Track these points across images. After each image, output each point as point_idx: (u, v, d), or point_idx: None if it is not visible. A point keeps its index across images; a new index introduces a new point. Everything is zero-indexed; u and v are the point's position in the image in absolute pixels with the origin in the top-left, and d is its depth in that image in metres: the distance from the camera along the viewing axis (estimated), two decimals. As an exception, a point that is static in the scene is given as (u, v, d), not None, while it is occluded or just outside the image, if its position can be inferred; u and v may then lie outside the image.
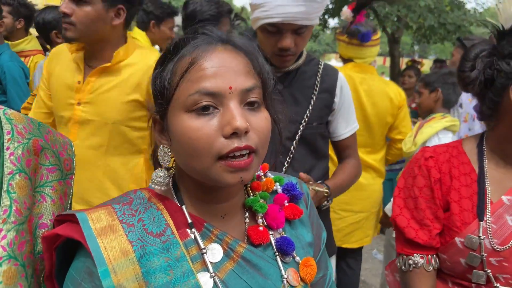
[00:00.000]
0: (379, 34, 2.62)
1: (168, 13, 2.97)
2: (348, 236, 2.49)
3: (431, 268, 1.16)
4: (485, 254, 1.06)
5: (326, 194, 1.48)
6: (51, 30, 2.79)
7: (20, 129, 0.73)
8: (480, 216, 1.09)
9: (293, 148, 1.48)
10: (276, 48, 1.38)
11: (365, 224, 2.55)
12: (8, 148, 0.69)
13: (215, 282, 0.68)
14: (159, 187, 0.73)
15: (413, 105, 4.56)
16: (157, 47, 3.06)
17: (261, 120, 0.68)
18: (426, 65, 8.07)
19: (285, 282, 0.75)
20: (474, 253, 1.07)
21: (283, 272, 0.75)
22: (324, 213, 1.58)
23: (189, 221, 0.71)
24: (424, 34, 8.50)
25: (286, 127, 0.81)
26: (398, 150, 2.64)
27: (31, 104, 1.95)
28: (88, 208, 0.70)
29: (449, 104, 2.62)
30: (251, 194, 0.81)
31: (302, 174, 1.41)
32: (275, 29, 1.36)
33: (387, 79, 4.88)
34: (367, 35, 2.44)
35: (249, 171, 0.67)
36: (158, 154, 0.74)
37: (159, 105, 0.71)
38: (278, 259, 0.76)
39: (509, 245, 1.06)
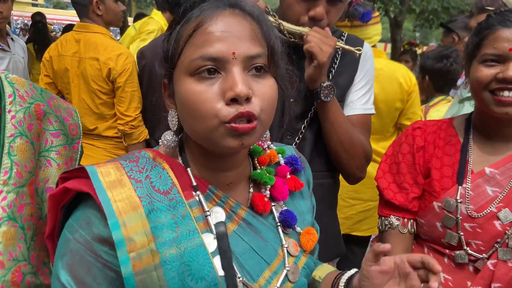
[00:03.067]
0: (377, 12, 2.59)
1: None
2: (358, 224, 2.45)
3: (406, 230, 1.20)
4: (460, 217, 1.10)
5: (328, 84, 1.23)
6: None
7: (22, 93, 0.73)
8: (460, 181, 1.12)
9: (304, 127, 1.32)
10: (305, 18, 1.23)
11: (375, 213, 2.51)
12: (9, 111, 0.70)
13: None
14: (165, 148, 0.75)
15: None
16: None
17: (265, 87, 0.68)
18: (427, 52, 8.01)
19: (285, 250, 0.77)
20: (450, 215, 1.11)
21: (283, 241, 0.78)
22: (331, 214, 1.44)
23: (194, 183, 0.72)
24: (427, 19, 8.40)
25: (297, 103, 0.81)
26: None
27: None
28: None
29: (441, 90, 2.64)
30: (258, 167, 0.82)
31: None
32: None
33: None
34: (368, 14, 2.41)
35: (252, 136, 0.67)
36: (168, 118, 0.75)
37: (166, 69, 0.72)
38: (279, 229, 0.79)
39: (484, 212, 1.09)
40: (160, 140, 0.75)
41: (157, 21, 3.34)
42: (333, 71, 1.33)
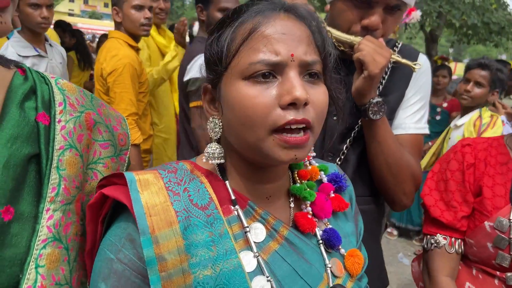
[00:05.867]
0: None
1: None
2: None
3: (453, 250, 1.16)
4: None
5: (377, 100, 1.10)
6: None
7: (73, 101, 0.68)
8: None
9: (346, 148, 1.19)
10: (357, 26, 1.11)
11: None
12: (59, 121, 0.64)
13: (258, 262, 0.64)
14: (215, 161, 0.69)
15: (444, 105, 4.50)
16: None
17: (319, 94, 0.65)
18: (460, 69, 7.80)
19: (328, 271, 0.71)
20: (503, 235, 1.07)
21: (327, 261, 0.72)
22: (374, 243, 1.28)
23: (233, 197, 0.68)
24: (466, 33, 8.18)
25: (343, 117, 0.76)
26: None
27: None
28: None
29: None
30: (298, 181, 0.77)
31: None
32: (365, 0, 1.08)
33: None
34: None
35: (304, 149, 0.63)
36: (208, 126, 0.70)
37: (213, 72, 0.67)
38: (322, 248, 0.73)
39: (539, 235, 1.05)
40: (206, 154, 0.69)
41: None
42: (381, 86, 1.21)
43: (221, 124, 0.69)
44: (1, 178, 0.56)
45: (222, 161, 0.69)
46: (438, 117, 4.49)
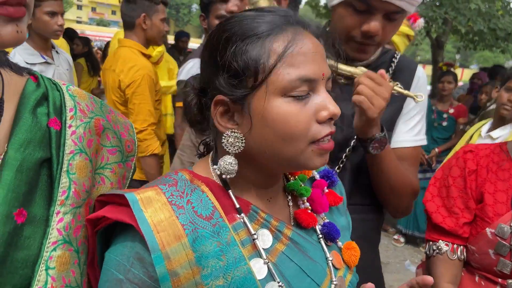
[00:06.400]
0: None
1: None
2: None
3: (455, 257, 1.17)
4: None
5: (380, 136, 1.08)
6: None
7: (83, 107, 0.70)
8: None
9: (345, 156, 1.18)
10: (358, 31, 1.12)
11: None
12: (70, 126, 0.66)
13: (269, 268, 0.66)
14: (230, 176, 0.69)
15: (451, 111, 4.49)
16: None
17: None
18: (466, 75, 7.75)
19: (330, 264, 0.74)
20: (504, 242, 1.07)
21: (327, 255, 0.75)
22: (372, 251, 1.28)
23: (237, 205, 0.69)
24: (472, 40, 8.14)
25: (339, 129, 0.78)
26: None
27: None
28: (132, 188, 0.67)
29: None
30: (290, 178, 0.80)
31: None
32: (365, 7, 1.08)
33: (428, 87, 4.74)
34: None
35: (328, 154, 0.69)
36: (224, 139, 0.67)
37: (236, 87, 0.65)
38: (322, 242, 0.76)
39: (541, 241, 1.05)
40: (219, 168, 0.69)
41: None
42: None
43: (243, 138, 0.67)
44: (15, 181, 0.57)
45: (234, 175, 0.69)
46: (444, 123, 4.48)
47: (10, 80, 0.64)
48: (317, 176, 0.84)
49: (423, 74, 1.26)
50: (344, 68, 1.12)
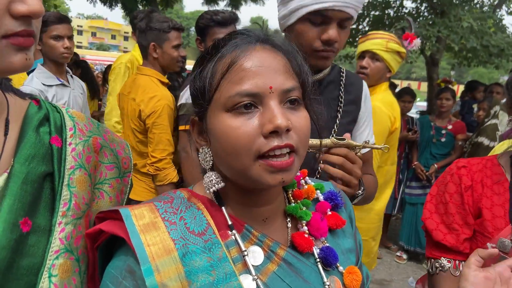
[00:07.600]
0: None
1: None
2: None
3: (458, 273, 1.17)
4: None
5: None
6: None
7: (82, 127, 0.75)
8: None
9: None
10: (319, 42, 1.24)
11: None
12: (70, 144, 0.71)
13: (257, 284, 0.66)
14: (214, 188, 0.71)
15: (449, 127, 4.53)
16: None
17: (301, 119, 0.68)
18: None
19: None
20: (506, 256, 1.08)
21: (325, 279, 0.74)
22: None
23: (229, 222, 0.70)
24: (466, 57, 8.27)
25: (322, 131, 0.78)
26: None
27: None
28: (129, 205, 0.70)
29: None
30: (292, 201, 0.80)
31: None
32: (320, 19, 1.22)
33: (424, 103, 4.76)
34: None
35: (290, 172, 0.66)
36: (199, 156, 0.73)
37: (198, 106, 0.71)
38: (319, 266, 0.75)
39: (541, 255, 1.05)
40: (204, 184, 0.73)
41: (127, 54, 3.41)
42: (340, 110, 1.38)
43: (211, 153, 0.72)
44: (20, 192, 0.62)
45: (222, 184, 0.71)
46: (443, 139, 4.51)
47: (15, 103, 0.70)
48: (321, 198, 0.83)
49: (366, 88, 1.47)
50: (310, 142, 1.14)
